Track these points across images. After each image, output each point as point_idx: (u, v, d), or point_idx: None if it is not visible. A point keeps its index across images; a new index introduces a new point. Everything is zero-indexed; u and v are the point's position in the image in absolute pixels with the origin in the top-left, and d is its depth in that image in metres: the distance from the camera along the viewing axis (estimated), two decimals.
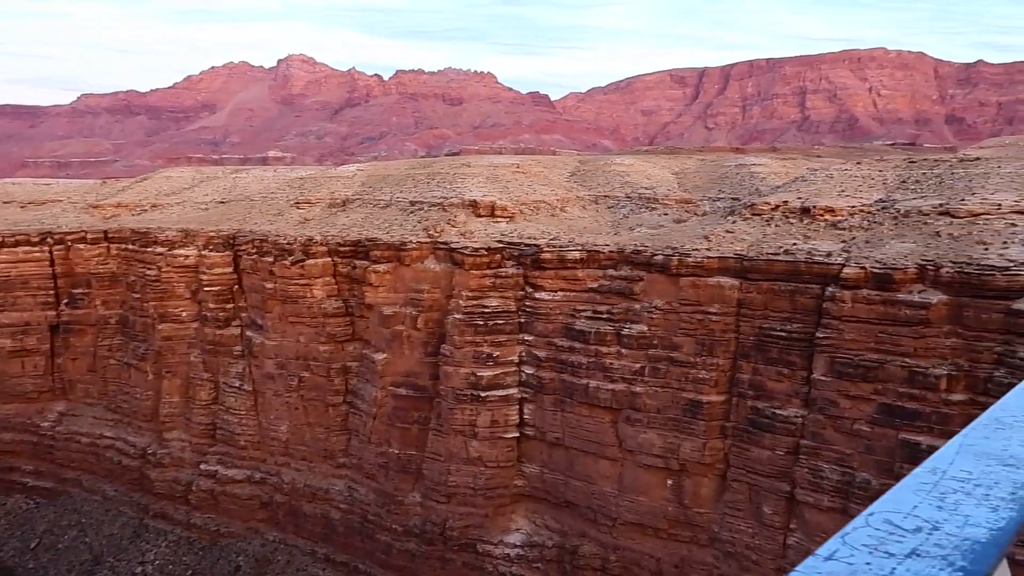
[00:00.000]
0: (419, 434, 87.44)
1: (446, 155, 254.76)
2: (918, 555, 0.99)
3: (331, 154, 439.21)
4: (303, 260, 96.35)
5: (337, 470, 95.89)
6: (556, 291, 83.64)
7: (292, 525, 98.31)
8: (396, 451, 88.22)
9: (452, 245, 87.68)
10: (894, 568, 1.00)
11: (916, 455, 62.74)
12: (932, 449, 1.95)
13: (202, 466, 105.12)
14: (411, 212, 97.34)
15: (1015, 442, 0.96)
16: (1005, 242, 67.71)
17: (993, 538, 0.94)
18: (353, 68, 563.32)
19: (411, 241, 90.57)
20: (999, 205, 72.19)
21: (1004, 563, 1.00)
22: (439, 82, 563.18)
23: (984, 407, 3.76)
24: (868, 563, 1.02)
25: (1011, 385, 3.26)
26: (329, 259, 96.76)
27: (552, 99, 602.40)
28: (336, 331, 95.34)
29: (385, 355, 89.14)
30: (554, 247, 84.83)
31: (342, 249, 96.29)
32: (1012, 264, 63.48)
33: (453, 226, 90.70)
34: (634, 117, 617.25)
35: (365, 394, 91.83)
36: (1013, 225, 70.01)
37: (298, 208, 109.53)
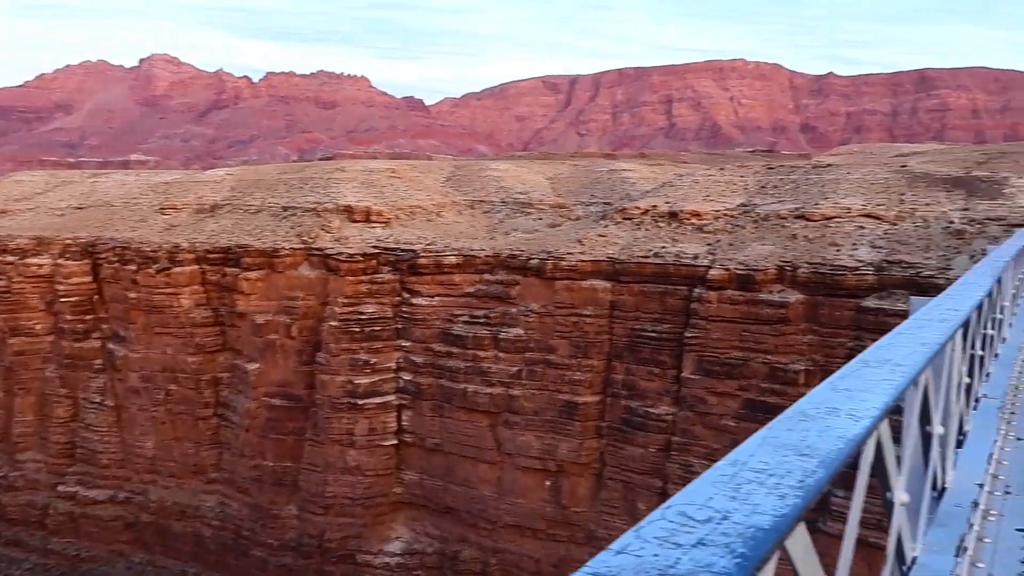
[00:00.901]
0: (295, 445, 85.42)
1: (320, 159, 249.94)
2: (703, 544, 1.01)
3: (198, 158, 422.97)
4: (169, 268, 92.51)
5: (208, 486, 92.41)
6: (433, 296, 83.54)
7: (160, 545, 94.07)
8: (271, 463, 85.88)
9: (327, 251, 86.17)
10: (679, 559, 1.02)
11: None
12: None
13: (60, 488, 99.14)
14: (284, 218, 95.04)
15: (813, 433, 1.09)
16: (854, 244, 72.33)
17: (775, 524, 0.96)
18: (221, 69, 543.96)
19: (284, 247, 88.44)
20: (849, 209, 77.04)
21: (802, 528, 1.08)
22: (312, 85, 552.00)
23: None
24: (656, 555, 1.04)
25: None
26: (197, 267, 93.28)
27: (427, 104, 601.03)
28: (205, 341, 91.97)
29: (258, 365, 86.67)
30: (431, 252, 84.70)
31: (211, 256, 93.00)
32: (861, 264, 67.89)
33: (327, 232, 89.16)
34: (508, 123, 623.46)
35: (237, 406, 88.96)
36: (861, 228, 74.85)
37: (163, 214, 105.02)
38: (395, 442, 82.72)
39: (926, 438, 2.30)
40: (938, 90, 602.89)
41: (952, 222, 71.13)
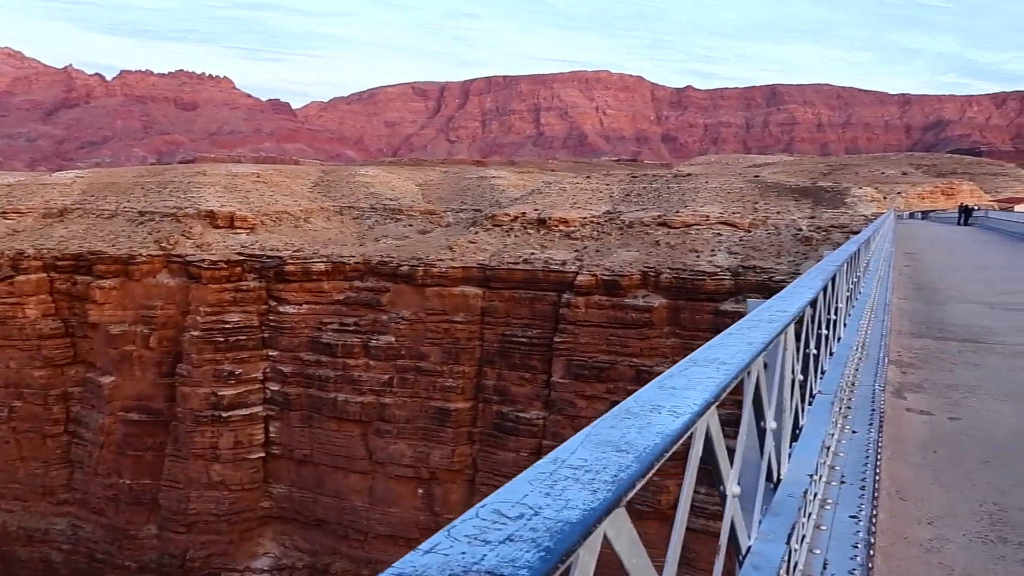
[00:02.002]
0: (154, 461, 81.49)
1: (179, 163, 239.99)
2: (511, 540, 1.06)
3: (45, 159, 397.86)
4: (12, 276, 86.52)
5: (58, 507, 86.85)
6: (301, 304, 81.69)
7: (4, 573, 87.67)
8: (128, 482, 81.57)
9: (188, 258, 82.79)
10: (485, 555, 1.06)
11: None
12: None
13: None
14: (140, 223, 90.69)
15: (634, 430, 1.18)
16: (713, 250, 75.57)
17: (583, 518, 1.04)
18: (70, 65, 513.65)
19: (141, 254, 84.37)
20: (707, 216, 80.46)
21: (625, 520, 1.18)
22: (171, 85, 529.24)
23: None
24: (463, 552, 1.09)
25: None
26: (44, 275, 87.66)
27: (293, 107, 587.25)
28: (54, 354, 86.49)
29: (113, 378, 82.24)
30: (298, 259, 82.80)
31: (60, 264, 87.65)
32: (719, 269, 70.99)
33: (188, 238, 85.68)
34: (378, 128, 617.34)
35: (90, 422, 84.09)
36: (719, 234, 78.30)
37: (5, 218, 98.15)
38: (262, 455, 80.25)
39: (761, 433, 2.50)
40: (787, 105, 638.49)
41: (800, 229, 75.37)
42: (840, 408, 6.10)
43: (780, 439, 2.87)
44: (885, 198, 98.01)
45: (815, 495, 4.26)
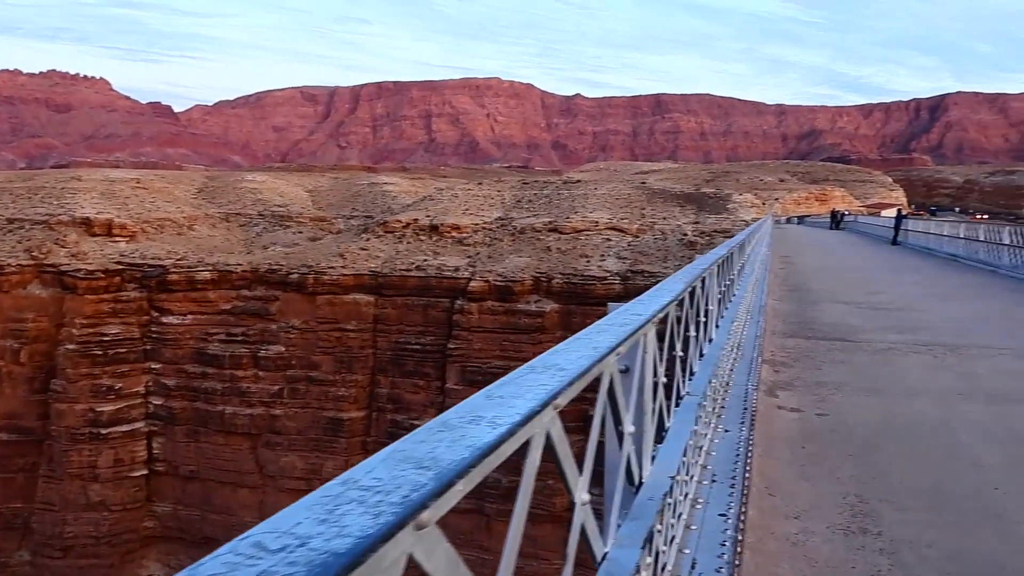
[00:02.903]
0: (26, 483, 76.92)
1: (52, 167, 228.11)
2: None
3: None
4: None
5: None
6: (186, 314, 78.82)
7: None
8: None
9: (62, 268, 78.63)
10: None
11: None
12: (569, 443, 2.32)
13: None
14: (9, 231, 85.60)
15: (445, 443, 1.07)
16: (603, 255, 77.02)
17: (353, 547, 0.90)
18: None
19: (10, 264, 79.62)
20: (597, 222, 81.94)
21: (434, 532, 1.09)
22: (42, 85, 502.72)
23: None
24: None
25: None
26: None
27: (176, 111, 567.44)
28: None
29: None
30: (182, 268, 79.88)
31: None
32: (609, 274, 72.38)
33: (62, 246, 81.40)
34: (265, 133, 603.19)
35: None
36: (608, 240, 79.87)
37: None
38: (145, 472, 76.91)
39: (620, 437, 2.51)
40: (672, 114, 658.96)
41: (686, 234, 77.64)
42: (714, 408, 6.26)
43: (641, 442, 2.90)
44: (764, 204, 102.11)
45: (686, 495, 4.34)
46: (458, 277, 76.37)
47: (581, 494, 1.87)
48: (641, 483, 2.81)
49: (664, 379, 3.24)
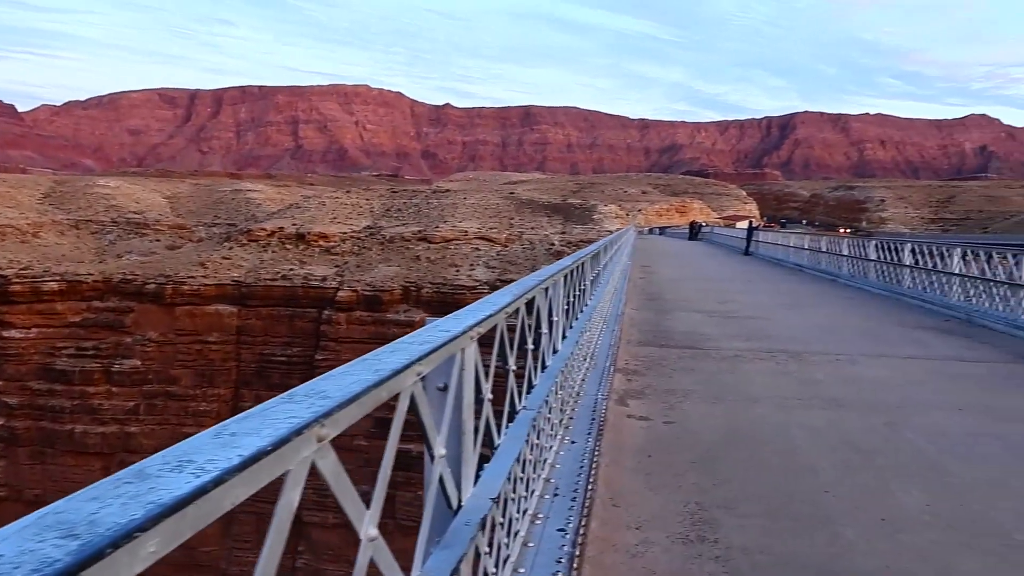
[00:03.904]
0: None
1: None
2: None
3: None
4: None
5: None
6: (30, 328, 73.85)
7: None
8: None
9: None
10: None
11: (409, 462, 68.24)
12: (421, 454, 2.15)
13: None
14: None
15: (119, 502, 0.86)
16: (472, 264, 77.27)
17: None
18: None
19: None
20: (466, 232, 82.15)
21: None
22: None
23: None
24: None
25: None
26: None
27: (20, 110, 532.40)
28: None
29: None
30: (26, 278, 74.82)
31: None
32: (478, 283, 72.61)
33: None
34: (120, 136, 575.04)
35: None
36: (477, 249, 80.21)
37: None
38: None
39: (433, 461, 2.40)
40: (540, 125, 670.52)
41: (553, 244, 78.90)
42: (561, 420, 6.23)
43: (460, 464, 2.78)
44: (628, 215, 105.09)
45: (524, 511, 4.25)
46: (326, 287, 74.94)
47: (368, 529, 1.72)
48: (459, 507, 2.68)
49: (491, 395, 3.14)
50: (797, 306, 19.84)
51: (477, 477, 3.06)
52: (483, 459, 3.31)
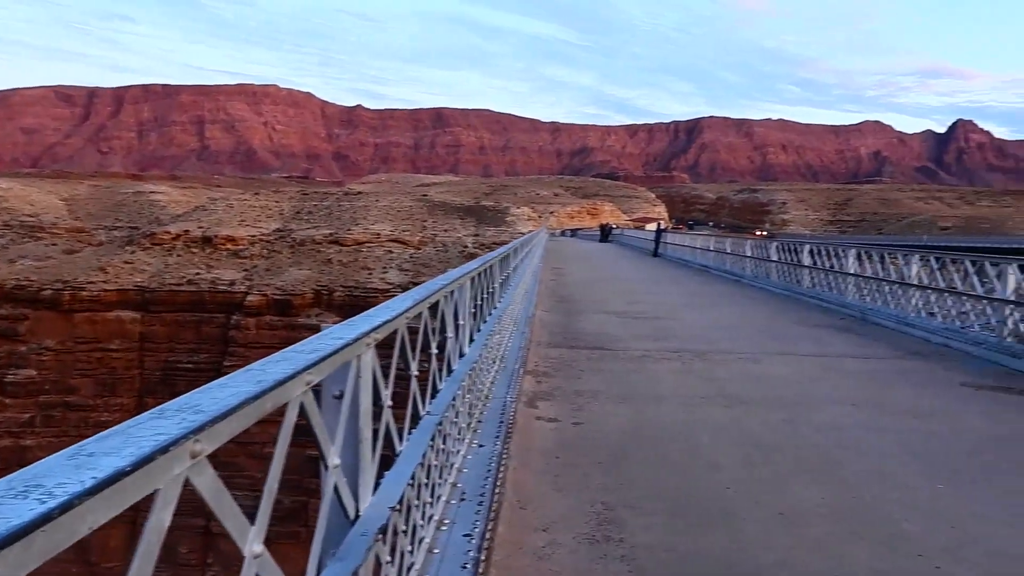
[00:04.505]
0: None
1: None
2: None
3: None
4: None
5: None
6: None
7: None
8: None
9: None
10: None
11: (317, 467, 67.13)
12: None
13: None
14: None
15: None
16: (385, 267, 76.54)
17: None
18: None
19: None
20: (379, 234, 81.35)
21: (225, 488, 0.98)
22: None
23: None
24: None
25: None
26: None
27: None
28: None
29: None
30: None
31: None
32: (391, 287, 71.96)
33: None
34: (12, 135, 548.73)
35: None
36: (390, 252, 79.50)
37: None
38: None
39: (328, 472, 2.35)
40: (452, 128, 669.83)
41: (466, 246, 78.87)
42: (470, 424, 6.23)
43: (357, 473, 2.74)
44: (540, 217, 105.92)
45: (430, 518, 4.22)
46: (234, 291, 73.16)
47: (253, 546, 1.67)
48: (357, 518, 2.64)
49: (391, 403, 3.11)
50: (703, 306, 20.34)
51: (378, 485, 3.02)
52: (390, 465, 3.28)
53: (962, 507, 5.87)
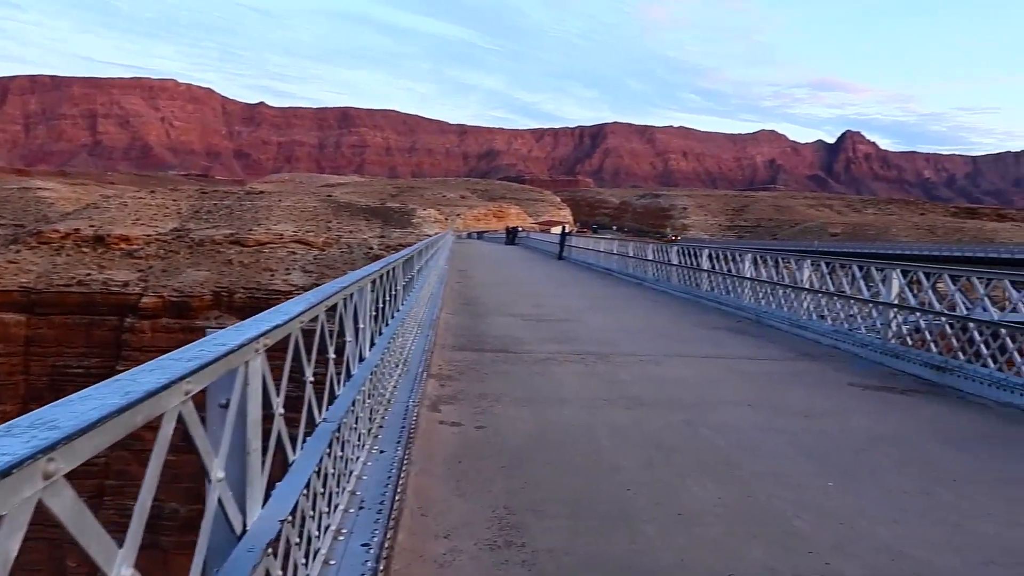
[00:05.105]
0: None
1: None
2: None
3: None
4: None
5: None
6: None
7: None
8: None
9: None
10: None
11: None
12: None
13: None
14: None
15: None
16: (288, 268, 74.98)
17: None
18: None
19: None
20: (281, 235, 79.63)
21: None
22: None
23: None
24: None
25: None
26: None
27: None
28: None
29: None
30: None
31: None
32: (295, 288, 70.55)
33: None
34: None
35: None
36: (293, 253, 77.92)
37: None
38: None
39: (213, 486, 2.23)
40: (358, 128, 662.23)
41: (372, 248, 78.02)
42: (370, 430, 6.10)
43: (245, 485, 2.61)
44: (447, 219, 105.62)
45: (327, 528, 4.10)
46: (128, 293, 70.45)
47: (121, 570, 1.58)
48: (244, 532, 2.52)
49: (283, 410, 2.98)
50: (606, 309, 20.60)
51: (268, 497, 2.90)
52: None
53: (850, 505, 6.08)
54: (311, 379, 3.63)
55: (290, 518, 2.88)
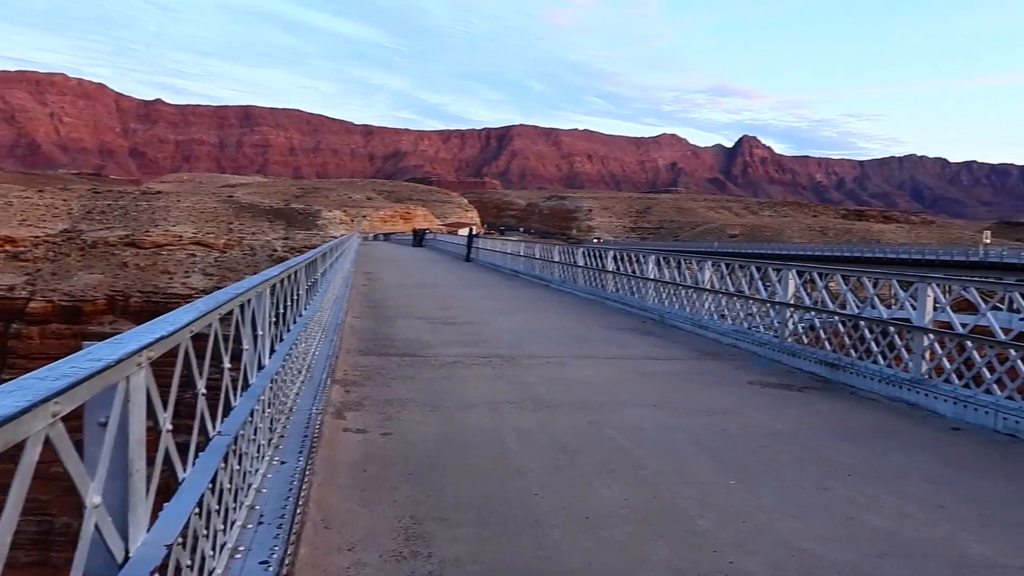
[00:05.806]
0: None
1: None
2: None
3: None
4: None
5: None
6: None
7: None
8: None
9: None
10: None
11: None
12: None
13: None
14: None
15: None
16: (187, 271, 72.62)
17: None
18: None
19: None
20: (180, 237, 77.10)
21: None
22: None
23: None
24: None
25: None
26: None
27: None
28: None
29: None
30: None
31: None
32: (193, 292, 68.40)
33: None
34: None
35: None
36: (193, 255, 75.52)
37: None
38: None
39: (88, 512, 2.08)
40: (261, 127, 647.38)
41: (276, 250, 76.36)
42: (270, 440, 5.91)
43: (127, 510, 2.45)
44: (353, 220, 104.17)
45: (222, 546, 3.93)
46: (14, 297, 67.04)
47: None
48: (127, 559, 2.36)
49: (171, 426, 2.82)
50: (513, 311, 20.65)
51: (156, 519, 2.74)
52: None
53: (750, 501, 6.21)
54: (203, 391, 3.46)
55: (180, 540, 2.73)
